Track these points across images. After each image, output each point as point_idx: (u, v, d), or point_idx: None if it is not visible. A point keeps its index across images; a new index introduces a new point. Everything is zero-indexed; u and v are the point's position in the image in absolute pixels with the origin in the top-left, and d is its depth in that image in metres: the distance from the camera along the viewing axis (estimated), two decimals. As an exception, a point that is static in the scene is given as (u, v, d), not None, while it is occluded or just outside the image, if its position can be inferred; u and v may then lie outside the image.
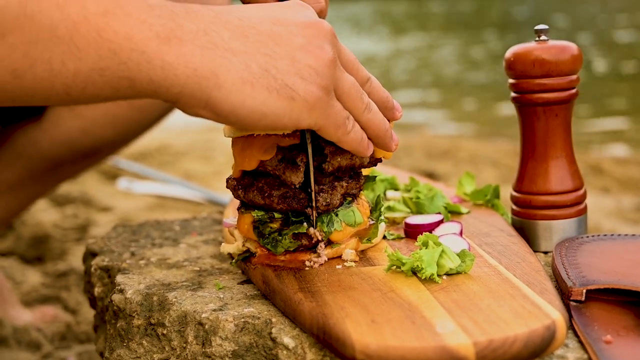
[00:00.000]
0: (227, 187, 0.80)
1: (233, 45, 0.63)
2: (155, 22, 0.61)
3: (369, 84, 0.74)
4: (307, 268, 0.77)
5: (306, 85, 0.65)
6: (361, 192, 0.84)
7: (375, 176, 0.90)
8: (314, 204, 0.76)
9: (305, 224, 0.77)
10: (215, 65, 0.62)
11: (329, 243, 0.79)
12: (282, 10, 0.68)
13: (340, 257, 0.80)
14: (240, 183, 0.79)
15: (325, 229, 0.78)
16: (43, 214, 2.13)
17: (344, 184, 0.79)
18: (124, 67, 0.61)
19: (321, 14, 0.84)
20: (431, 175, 2.58)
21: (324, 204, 0.76)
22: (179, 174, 2.69)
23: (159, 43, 0.61)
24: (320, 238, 0.77)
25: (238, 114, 0.64)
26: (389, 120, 0.78)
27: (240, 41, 0.64)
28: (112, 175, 2.68)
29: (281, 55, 0.65)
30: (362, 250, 0.82)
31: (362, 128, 0.72)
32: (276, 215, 0.78)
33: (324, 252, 0.78)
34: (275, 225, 0.78)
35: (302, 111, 0.65)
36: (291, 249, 0.78)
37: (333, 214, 0.79)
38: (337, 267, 0.78)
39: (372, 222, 0.83)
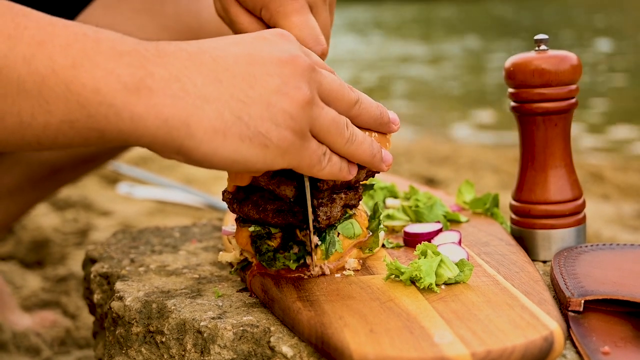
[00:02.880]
0: (222, 199, 0.80)
1: (206, 92, 0.62)
2: (124, 71, 0.60)
3: (358, 106, 0.73)
4: (306, 277, 0.77)
5: (280, 131, 0.64)
6: (360, 201, 0.84)
7: (373, 184, 0.90)
8: (311, 231, 0.76)
9: (302, 253, 0.77)
10: (187, 115, 0.61)
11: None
12: (259, 45, 0.66)
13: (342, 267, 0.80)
14: (235, 197, 0.79)
15: (324, 248, 0.78)
16: (43, 218, 2.13)
17: (343, 195, 0.79)
18: (92, 120, 0.60)
19: (323, 57, 0.83)
20: (431, 181, 2.58)
21: (325, 217, 0.76)
22: (180, 179, 2.69)
23: (127, 94, 0.60)
24: (321, 269, 0.77)
25: (211, 161, 0.64)
26: (386, 134, 0.78)
27: (213, 87, 0.63)
28: (113, 180, 2.68)
29: (255, 100, 0.63)
30: (361, 259, 0.82)
31: (346, 157, 0.71)
32: (272, 230, 0.78)
33: (327, 267, 0.78)
34: (273, 244, 0.77)
35: (276, 157, 0.65)
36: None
37: (335, 235, 0.79)
38: (336, 275, 0.78)
39: (370, 234, 0.83)
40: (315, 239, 0.76)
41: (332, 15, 0.92)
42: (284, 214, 0.76)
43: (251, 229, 0.78)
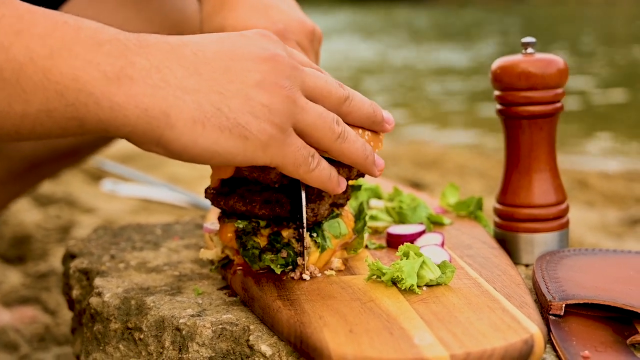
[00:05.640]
0: (205, 197, 0.79)
1: (186, 84, 0.62)
2: (104, 60, 0.60)
3: (348, 103, 0.72)
4: (290, 278, 0.77)
5: (259, 123, 0.64)
6: (348, 201, 0.83)
7: (360, 185, 0.90)
8: (305, 228, 0.75)
9: (290, 259, 0.76)
10: (167, 105, 0.61)
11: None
12: (240, 42, 0.66)
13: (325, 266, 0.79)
14: (220, 191, 0.78)
15: (320, 240, 0.77)
16: (26, 213, 2.11)
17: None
18: (72, 109, 0.60)
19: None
20: (417, 185, 2.58)
21: (312, 214, 0.76)
22: (164, 177, 2.68)
23: (107, 83, 0.60)
24: (308, 272, 0.77)
25: (190, 153, 0.64)
26: (379, 133, 0.77)
27: (193, 79, 0.63)
28: (97, 177, 2.66)
29: (234, 93, 0.64)
30: (344, 259, 0.82)
31: (336, 157, 0.71)
32: (261, 222, 0.77)
33: (316, 270, 0.77)
34: (259, 241, 0.77)
35: (256, 150, 0.65)
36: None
37: (326, 231, 0.78)
38: (317, 275, 0.77)
39: (356, 234, 0.83)
40: (308, 238, 0.76)
41: (319, 62, 0.94)
42: (271, 205, 0.75)
43: (237, 223, 0.77)
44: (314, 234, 0.77)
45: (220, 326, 0.72)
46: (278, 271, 0.75)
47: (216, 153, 0.64)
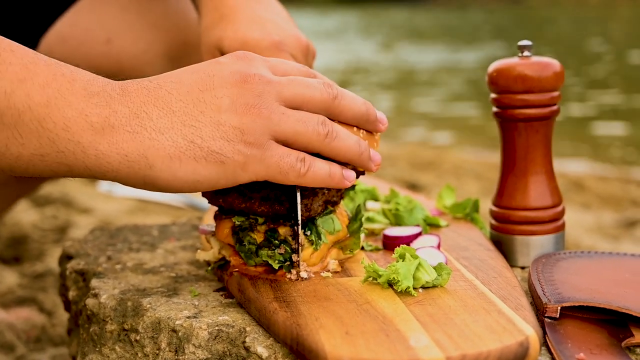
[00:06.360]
0: (202, 195, 0.80)
1: (160, 124, 0.66)
2: (92, 111, 0.65)
3: (337, 103, 0.73)
4: (287, 279, 0.77)
5: (232, 145, 0.67)
6: (342, 199, 0.83)
7: (355, 185, 0.90)
8: (299, 224, 0.75)
9: (288, 255, 0.76)
10: (144, 148, 0.66)
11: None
12: (213, 70, 0.69)
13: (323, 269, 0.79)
14: (219, 189, 0.78)
15: (314, 237, 0.77)
16: (23, 214, 2.11)
17: (325, 191, 0.78)
18: (61, 155, 0.65)
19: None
20: (414, 186, 2.59)
21: (305, 210, 0.76)
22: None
23: (93, 133, 0.65)
24: (303, 270, 0.77)
25: (175, 186, 0.68)
26: (373, 133, 0.77)
27: (167, 118, 0.67)
28: (94, 177, 2.66)
29: (205, 123, 0.67)
30: (340, 260, 0.82)
31: (330, 157, 0.72)
32: (259, 220, 0.77)
33: (311, 272, 0.77)
34: (256, 237, 0.77)
35: (236, 170, 0.68)
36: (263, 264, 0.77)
37: (320, 228, 0.78)
38: (312, 275, 0.77)
39: (350, 234, 0.83)
40: (302, 235, 0.76)
41: None
42: (270, 202, 0.75)
43: (235, 219, 0.78)
44: (309, 232, 0.77)
45: (217, 328, 0.72)
46: (276, 266, 0.76)
47: (198, 182, 0.68)
